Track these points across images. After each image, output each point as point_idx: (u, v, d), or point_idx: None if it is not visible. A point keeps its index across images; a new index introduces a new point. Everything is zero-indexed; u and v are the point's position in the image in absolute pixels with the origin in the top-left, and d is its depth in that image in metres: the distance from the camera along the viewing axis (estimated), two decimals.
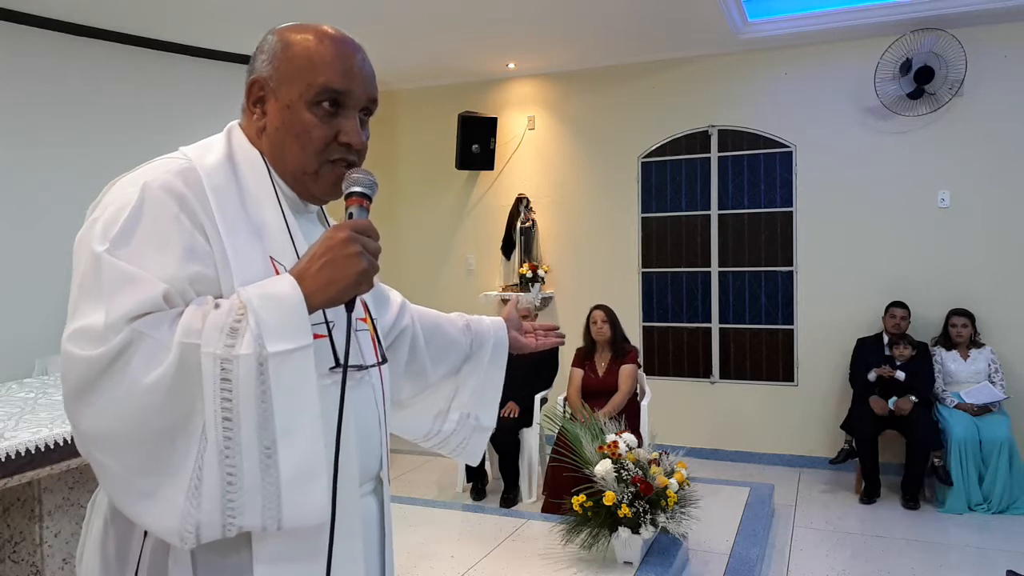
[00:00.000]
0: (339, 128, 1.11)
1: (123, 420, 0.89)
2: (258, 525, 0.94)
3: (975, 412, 4.62)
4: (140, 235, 0.96)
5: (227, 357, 0.90)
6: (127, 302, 0.91)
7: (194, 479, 0.91)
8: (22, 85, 4.40)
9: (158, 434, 0.90)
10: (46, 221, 4.39)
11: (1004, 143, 4.97)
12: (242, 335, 0.91)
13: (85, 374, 0.89)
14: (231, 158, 1.09)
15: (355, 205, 1.07)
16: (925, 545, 4.00)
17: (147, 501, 0.91)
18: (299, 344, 0.94)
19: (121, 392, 0.89)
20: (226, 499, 0.91)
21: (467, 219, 6.41)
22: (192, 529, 0.91)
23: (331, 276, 0.98)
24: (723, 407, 5.66)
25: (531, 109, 6.19)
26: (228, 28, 4.72)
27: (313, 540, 1.01)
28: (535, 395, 4.90)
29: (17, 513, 2.29)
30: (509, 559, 3.42)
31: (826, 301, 5.37)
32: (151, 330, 0.90)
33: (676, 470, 3.33)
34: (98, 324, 0.90)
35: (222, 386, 0.90)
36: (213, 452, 0.91)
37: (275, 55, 1.11)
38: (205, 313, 0.93)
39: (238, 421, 0.91)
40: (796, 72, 5.42)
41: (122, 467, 0.91)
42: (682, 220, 5.76)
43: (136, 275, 0.93)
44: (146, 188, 0.99)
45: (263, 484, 0.92)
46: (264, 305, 0.94)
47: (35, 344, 4.31)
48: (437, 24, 4.83)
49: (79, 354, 0.89)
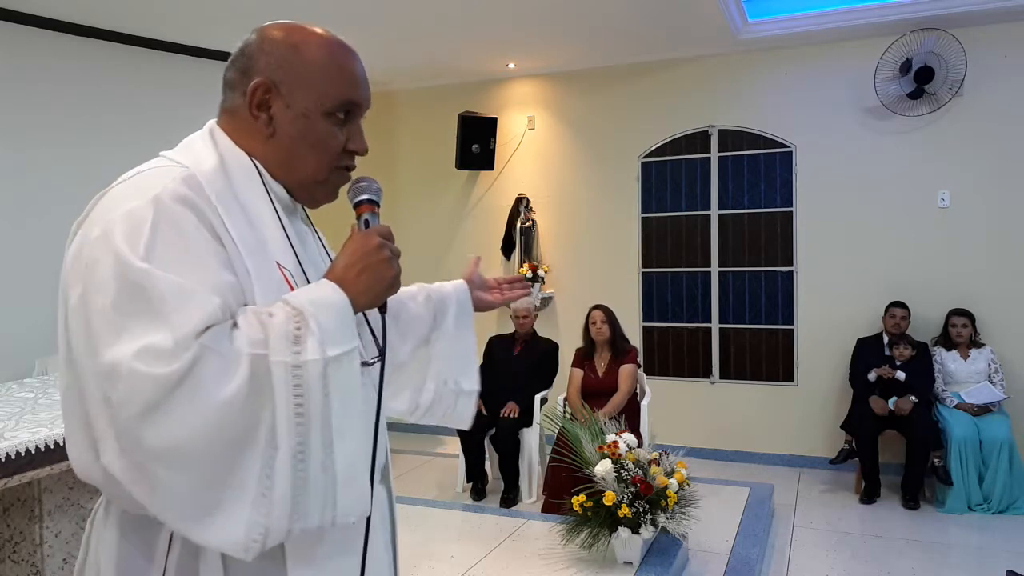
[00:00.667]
0: (348, 136, 1.13)
1: (196, 436, 0.88)
2: (316, 524, 0.96)
3: (975, 412, 4.62)
4: (170, 249, 0.94)
5: (296, 363, 0.93)
6: (192, 318, 0.90)
7: (262, 487, 0.91)
8: (22, 85, 4.40)
9: (227, 446, 0.90)
10: (46, 221, 4.38)
11: (1004, 143, 4.97)
12: (305, 341, 0.94)
13: (157, 392, 0.87)
14: (224, 163, 1.07)
15: (368, 212, 1.11)
16: (925, 545, 4.00)
17: (211, 516, 0.90)
18: (350, 347, 0.99)
19: (195, 408, 0.88)
20: (296, 502, 0.93)
21: (467, 219, 6.41)
22: (259, 537, 0.92)
23: (369, 282, 1.03)
24: (723, 407, 5.66)
25: (531, 109, 6.19)
26: (228, 28, 4.72)
27: (344, 534, 1.04)
28: (535, 395, 4.90)
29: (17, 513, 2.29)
30: (509, 559, 3.42)
31: (826, 301, 5.37)
32: (217, 344, 0.90)
33: (676, 470, 3.33)
34: (166, 342, 0.88)
35: (295, 392, 0.92)
36: (286, 458, 0.92)
37: (285, 60, 1.09)
38: (263, 323, 0.94)
39: (308, 425, 0.93)
40: (796, 72, 5.42)
41: (189, 483, 0.89)
42: (682, 220, 5.76)
43: (191, 289, 0.92)
44: (158, 201, 0.96)
45: (324, 484, 0.95)
46: (319, 311, 0.96)
47: (35, 344, 4.31)
48: (437, 24, 4.83)
49: (150, 372, 0.87)
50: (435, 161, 6.35)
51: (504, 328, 5.66)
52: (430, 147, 6.40)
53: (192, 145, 1.10)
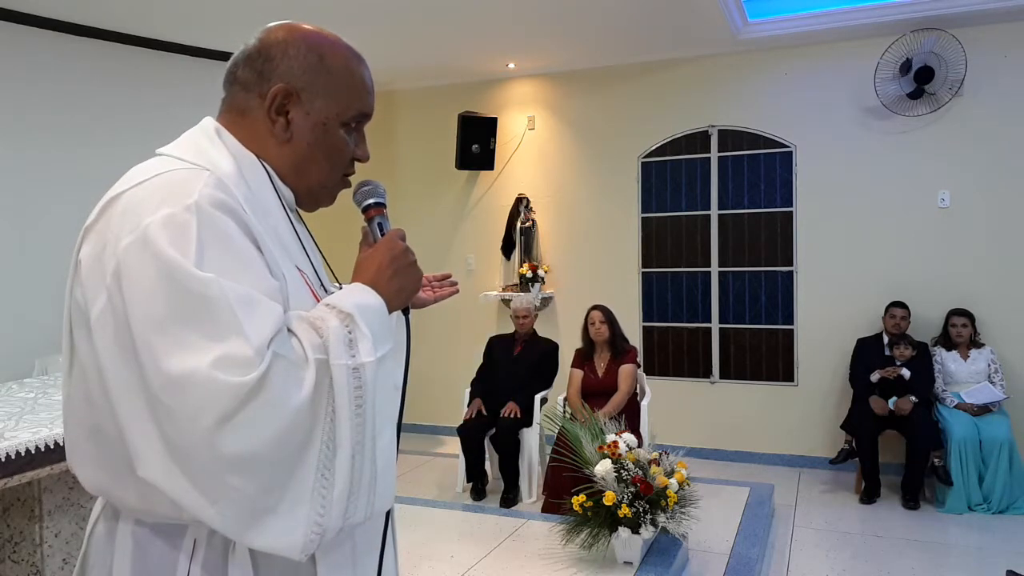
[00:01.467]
0: (355, 144, 1.16)
1: (270, 442, 0.89)
2: (361, 518, 0.98)
3: (975, 412, 4.62)
4: (223, 256, 0.93)
5: (355, 366, 0.96)
6: (265, 325, 0.91)
7: (318, 487, 0.93)
8: (21, 85, 4.40)
9: (295, 449, 0.91)
10: (46, 221, 4.39)
11: (1004, 143, 4.97)
12: (358, 344, 0.97)
13: (235, 400, 0.87)
14: (239, 165, 1.06)
15: (380, 215, 1.14)
16: (925, 545, 4.00)
17: (270, 518, 0.90)
18: (391, 347, 1.03)
19: (270, 415, 0.89)
20: (349, 499, 0.95)
21: (467, 219, 6.41)
22: (316, 537, 0.93)
23: (401, 284, 1.09)
24: (723, 407, 5.66)
25: (531, 109, 6.19)
26: (228, 28, 4.71)
27: (370, 527, 1.08)
28: (535, 395, 4.90)
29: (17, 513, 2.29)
30: (509, 559, 3.42)
31: (826, 301, 5.37)
32: (284, 350, 0.92)
33: (676, 470, 3.33)
34: (246, 350, 0.88)
35: (355, 394, 0.95)
36: (346, 457, 0.94)
37: (310, 67, 1.09)
38: (317, 327, 0.97)
39: (363, 423, 0.96)
40: (796, 72, 5.42)
41: (257, 487, 0.89)
42: (682, 220, 5.76)
43: (256, 297, 0.92)
44: (200, 208, 0.94)
45: (369, 480, 0.98)
46: (366, 316, 1.00)
47: (35, 344, 4.31)
48: (437, 24, 4.83)
49: (230, 380, 0.86)
50: (435, 161, 6.35)
51: (504, 328, 5.66)
52: (430, 147, 6.40)
53: (198, 144, 1.06)
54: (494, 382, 5.02)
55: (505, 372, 5.00)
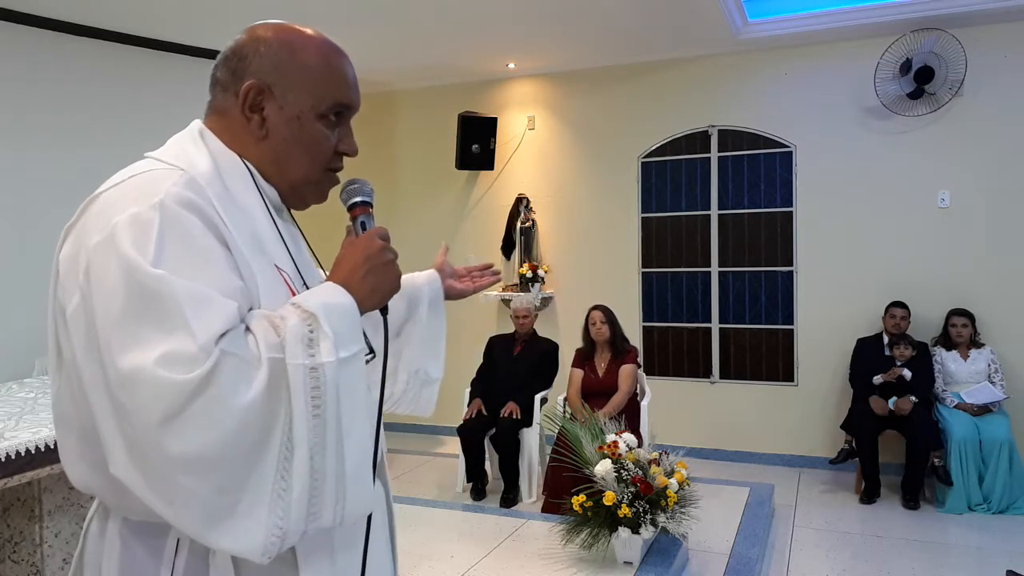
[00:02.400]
0: (339, 138, 1.13)
1: (219, 441, 0.87)
2: (329, 523, 0.96)
3: (975, 412, 4.62)
4: (182, 254, 0.93)
5: (314, 366, 0.93)
6: (213, 323, 0.90)
7: (278, 489, 0.91)
8: (22, 85, 4.40)
9: (248, 450, 0.90)
10: (46, 221, 4.37)
11: (1004, 143, 4.97)
12: (318, 344, 0.95)
13: (179, 398, 0.86)
14: (217, 165, 1.06)
15: (364, 214, 1.12)
16: (925, 545, 4.00)
17: (229, 521, 0.89)
18: (358, 348, 1.00)
19: (217, 413, 0.87)
20: (311, 503, 0.93)
21: (467, 219, 6.41)
22: (277, 540, 0.92)
23: (375, 284, 1.05)
24: (723, 407, 5.66)
25: (531, 109, 6.19)
26: (228, 28, 4.71)
27: (351, 532, 1.06)
28: (535, 395, 4.90)
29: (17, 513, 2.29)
30: (509, 559, 3.42)
31: (826, 301, 5.37)
32: (235, 348, 0.90)
33: (676, 470, 3.33)
34: (189, 347, 0.87)
35: (312, 394, 0.93)
36: (303, 459, 0.92)
37: (279, 61, 1.09)
38: (276, 326, 0.95)
39: (323, 425, 0.94)
40: (796, 72, 5.42)
41: (209, 488, 0.88)
42: (682, 220, 5.76)
43: (207, 294, 0.91)
44: (164, 206, 0.94)
45: (336, 483, 0.96)
46: (331, 314, 0.97)
47: (35, 344, 4.30)
48: (437, 24, 4.83)
49: (173, 378, 0.86)
50: (435, 161, 6.35)
51: (504, 328, 5.66)
52: (430, 147, 6.40)
53: (182, 146, 1.08)
54: (494, 382, 5.02)
55: (505, 372, 5.00)
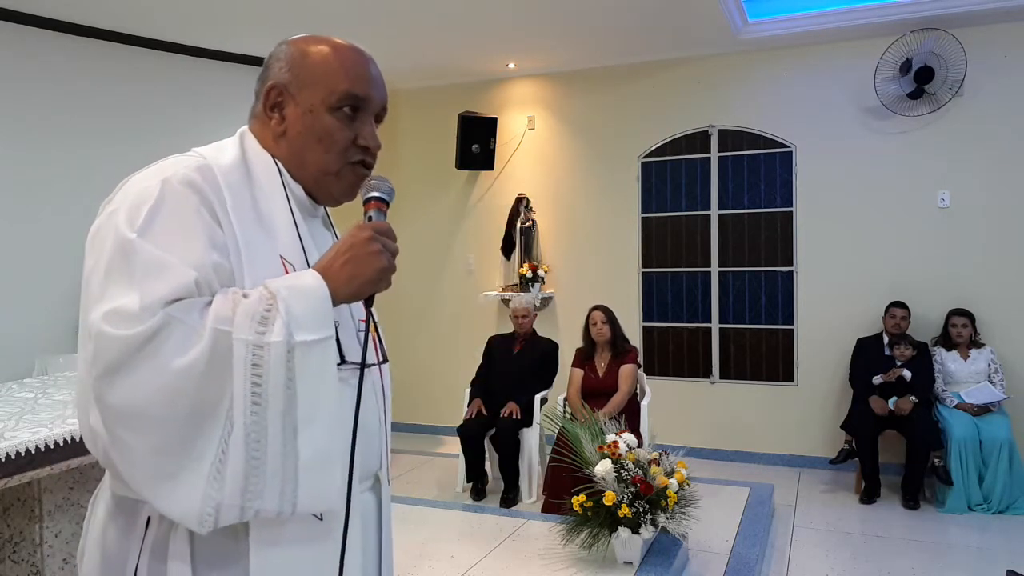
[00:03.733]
0: (357, 132, 1.17)
1: (153, 400, 0.91)
2: (275, 509, 0.97)
3: (975, 412, 4.62)
4: (165, 225, 0.99)
5: (259, 343, 0.95)
6: (161, 287, 0.94)
7: (217, 462, 0.94)
8: (23, 85, 4.40)
9: (186, 416, 0.93)
10: (46, 221, 4.40)
11: (1004, 143, 4.97)
12: (272, 323, 0.96)
13: (119, 353, 0.91)
14: (245, 160, 1.13)
15: (374, 209, 1.14)
16: (925, 545, 4.00)
17: (169, 483, 0.93)
18: (324, 335, 1.00)
19: (153, 373, 0.91)
20: (249, 482, 0.94)
21: (467, 219, 6.41)
22: (212, 511, 0.94)
23: (353, 272, 1.05)
24: (723, 407, 5.66)
25: (531, 109, 6.19)
26: (230, 29, 4.72)
27: (309, 525, 1.05)
28: (535, 395, 4.89)
29: (17, 513, 2.29)
30: (509, 559, 3.42)
31: (826, 301, 5.37)
32: (184, 315, 0.94)
33: (676, 470, 3.34)
34: (133, 306, 0.92)
35: (252, 371, 0.94)
36: (240, 435, 0.94)
37: (293, 62, 1.15)
38: (235, 302, 0.97)
39: (265, 406, 0.95)
40: (796, 72, 5.42)
41: (147, 447, 0.93)
42: (682, 220, 5.76)
43: (168, 261, 0.96)
44: (166, 182, 1.02)
45: (283, 468, 0.96)
46: (292, 296, 0.99)
47: (35, 344, 4.31)
48: (437, 24, 4.83)
49: (114, 333, 0.92)
50: (435, 161, 6.35)
51: (504, 328, 5.66)
52: (430, 147, 6.40)
53: (222, 144, 1.17)
54: (494, 382, 5.02)
55: (505, 372, 5.00)
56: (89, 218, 1.08)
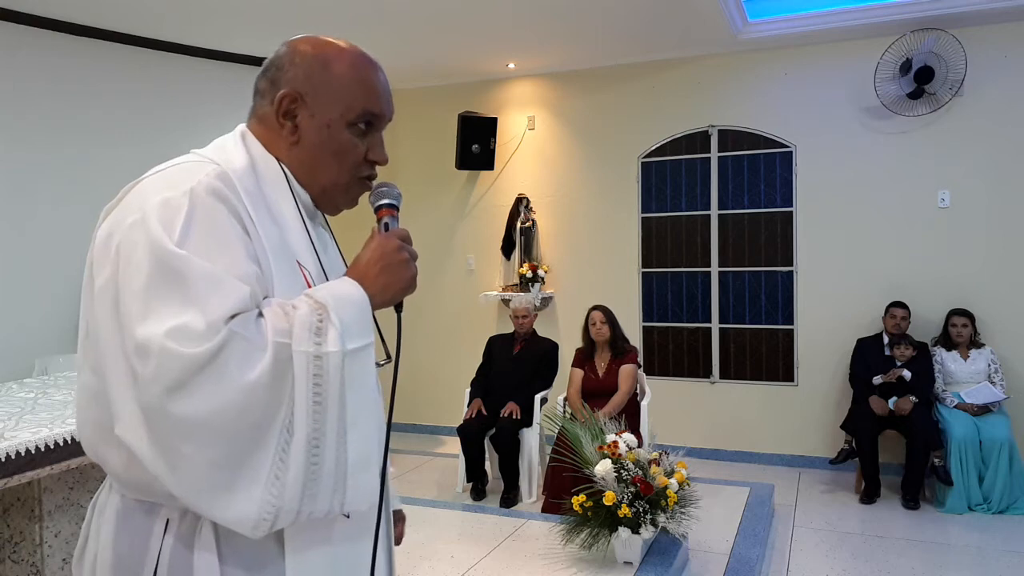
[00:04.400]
0: (369, 146, 1.18)
1: (219, 415, 0.92)
2: (326, 509, 1.00)
3: (975, 412, 4.62)
4: (203, 237, 0.99)
5: (318, 354, 0.97)
6: (225, 303, 0.95)
7: (275, 469, 0.95)
8: (23, 85, 4.40)
9: (248, 428, 0.94)
10: (46, 221, 4.40)
11: (1004, 143, 4.97)
12: (326, 333, 0.98)
13: (185, 370, 0.92)
14: (254, 164, 1.13)
15: (388, 216, 1.17)
16: (925, 545, 4.00)
17: (225, 493, 0.94)
18: (367, 341, 1.04)
19: (220, 389, 0.92)
20: (307, 487, 0.97)
21: (467, 219, 6.41)
22: (270, 517, 0.96)
23: (388, 281, 1.09)
24: (723, 407, 5.66)
25: (531, 109, 6.19)
26: (230, 29, 4.71)
27: (346, 524, 1.09)
28: (535, 395, 4.89)
29: (17, 513, 2.29)
30: (509, 559, 3.42)
31: (826, 301, 5.37)
32: (244, 330, 0.95)
33: (676, 470, 3.33)
34: (198, 324, 0.93)
35: (314, 381, 0.97)
36: (301, 443, 0.96)
37: (312, 72, 1.14)
38: (288, 313, 0.99)
39: (324, 413, 0.97)
40: (796, 72, 5.42)
41: (207, 460, 0.93)
42: (682, 220, 5.76)
43: (222, 276, 0.97)
44: (195, 193, 1.01)
45: (336, 471, 0.99)
46: (340, 306, 1.01)
47: (35, 344, 4.31)
48: (437, 24, 4.83)
49: (181, 351, 0.92)
50: (435, 161, 6.35)
51: (504, 328, 5.66)
52: (430, 147, 6.40)
53: (224, 146, 1.15)
54: (494, 382, 5.02)
55: (505, 372, 5.00)
56: (89, 218, 1.07)
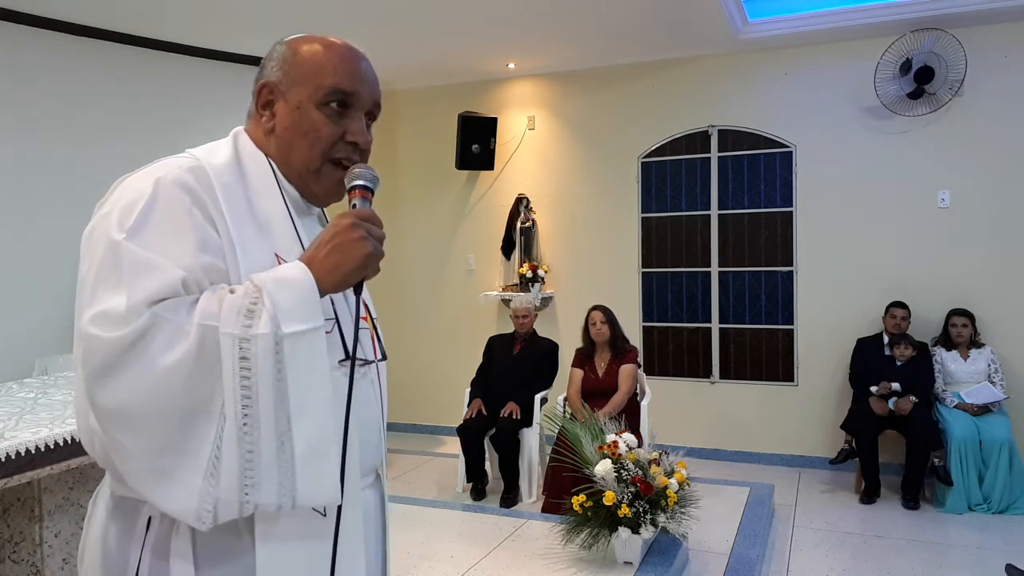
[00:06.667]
0: (346, 128, 1.16)
1: (143, 400, 0.92)
2: (274, 502, 0.97)
3: (975, 412, 4.62)
4: (156, 225, 0.99)
5: (245, 336, 0.94)
6: (147, 287, 0.94)
7: (212, 458, 0.94)
8: (23, 85, 4.40)
9: (178, 414, 0.93)
10: (46, 222, 4.39)
11: (1004, 143, 4.97)
12: (258, 316, 0.95)
13: (108, 355, 0.92)
14: (238, 159, 1.14)
15: (358, 197, 1.12)
16: (925, 545, 4.00)
17: (166, 482, 0.94)
18: (312, 325, 0.99)
19: (142, 373, 0.91)
20: (244, 476, 0.94)
21: (467, 219, 6.41)
22: (210, 508, 0.94)
23: (338, 260, 1.03)
24: (723, 407, 5.66)
25: (531, 109, 6.19)
26: (230, 29, 4.71)
27: (314, 521, 1.05)
28: (535, 395, 4.89)
29: (17, 513, 2.29)
30: (509, 559, 3.42)
31: (826, 301, 5.37)
32: (170, 314, 0.94)
33: (676, 470, 3.33)
34: (119, 307, 0.93)
35: (241, 365, 0.94)
36: (232, 430, 0.94)
37: (284, 60, 1.17)
38: (221, 297, 0.97)
39: (256, 399, 0.94)
40: (796, 72, 5.42)
41: (141, 447, 0.93)
42: (682, 220, 5.76)
43: (155, 262, 0.96)
44: (159, 183, 1.02)
45: (279, 461, 0.96)
46: (278, 288, 0.98)
47: (35, 344, 4.31)
48: (437, 24, 4.82)
49: (102, 335, 0.92)
50: (435, 161, 6.35)
51: (504, 328, 5.66)
52: (430, 147, 6.40)
53: (215, 145, 1.17)
54: (494, 382, 5.02)
55: (505, 372, 5.00)
56: (89, 218, 1.08)
